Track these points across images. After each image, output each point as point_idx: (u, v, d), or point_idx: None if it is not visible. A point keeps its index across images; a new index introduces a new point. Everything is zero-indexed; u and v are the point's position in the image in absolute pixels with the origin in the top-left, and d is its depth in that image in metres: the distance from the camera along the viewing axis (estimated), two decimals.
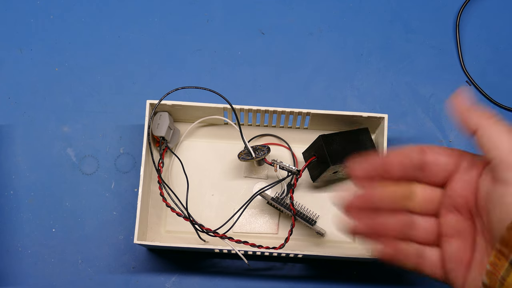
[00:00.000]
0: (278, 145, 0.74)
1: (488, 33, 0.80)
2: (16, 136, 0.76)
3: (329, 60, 0.79)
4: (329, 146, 0.67)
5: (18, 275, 0.72)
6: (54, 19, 0.80)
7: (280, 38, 0.80)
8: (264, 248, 0.67)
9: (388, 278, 0.72)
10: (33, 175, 0.74)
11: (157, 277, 0.72)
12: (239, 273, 0.72)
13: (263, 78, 0.78)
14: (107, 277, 0.72)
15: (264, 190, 0.69)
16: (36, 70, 0.78)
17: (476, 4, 0.81)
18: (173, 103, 0.69)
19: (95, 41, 0.79)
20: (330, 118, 0.70)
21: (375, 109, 0.77)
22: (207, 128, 0.75)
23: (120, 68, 0.78)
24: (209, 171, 0.74)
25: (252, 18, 0.80)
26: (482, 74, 0.79)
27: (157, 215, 0.71)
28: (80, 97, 0.77)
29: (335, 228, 0.71)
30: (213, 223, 0.70)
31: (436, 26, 0.80)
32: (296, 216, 0.68)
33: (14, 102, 0.77)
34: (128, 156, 0.75)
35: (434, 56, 0.79)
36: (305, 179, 0.73)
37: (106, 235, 0.73)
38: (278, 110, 0.69)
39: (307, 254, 0.65)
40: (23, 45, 0.79)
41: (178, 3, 0.81)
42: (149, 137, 0.68)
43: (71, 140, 0.76)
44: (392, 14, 0.80)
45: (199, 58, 0.79)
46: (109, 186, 0.74)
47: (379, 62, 0.79)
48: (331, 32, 0.80)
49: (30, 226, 0.73)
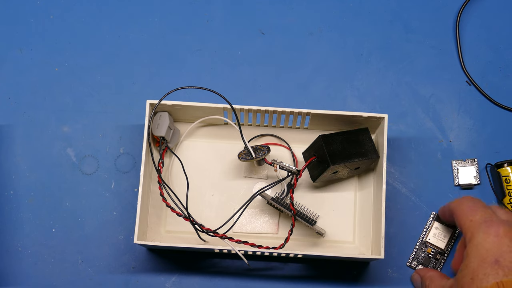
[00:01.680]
0: (278, 145, 0.74)
1: (488, 33, 0.80)
2: (16, 136, 0.76)
3: (329, 60, 0.79)
4: (329, 146, 0.67)
5: (18, 275, 0.72)
6: (54, 19, 0.80)
7: (280, 38, 0.80)
8: (264, 248, 0.67)
9: (388, 278, 0.72)
10: (33, 175, 0.74)
11: (157, 277, 0.72)
12: (239, 273, 0.72)
13: (263, 78, 0.78)
14: (107, 277, 0.72)
15: (264, 190, 0.69)
16: (36, 70, 0.78)
17: (476, 4, 0.81)
18: (173, 103, 0.69)
19: (95, 41, 0.79)
20: (330, 118, 0.70)
21: (375, 109, 0.77)
22: (207, 128, 0.75)
23: (120, 68, 0.78)
24: (209, 171, 0.74)
25: (252, 18, 0.80)
26: (482, 74, 0.79)
27: (157, 215, 0.71)
28: (80, 97, 0.77)
29: (335, 228, 0.71)
30: (213, 223, 0.70)
31: (436, 26, 0.80)
32: (296, 216, 0.68)
33: (14, 102, 0.77)
34: (128, 156, 0.75)
35: (434, 56, 0.79)
36: (305, 179, 0.73)
37: (106, 235, 0.73)
38: (278, 110, 0.69)
39: (307, 254, 0.65)
40: (23, 45, 0.79)
41: (178, 3, 0.80)
42: (149, 137, 0.68)
43: (71, 140, 0.76)
44: (392, 14, 0.80)
45: (199, 58, 0.79)
46: (109, 186, 0.74)
47: (379, 62, 0.79)
48: (331, 32, 0.80)
49: (30, 226, 0.73)
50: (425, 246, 0.71)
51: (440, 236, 0.71)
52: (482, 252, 0.53)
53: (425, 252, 0.71)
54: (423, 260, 0.71)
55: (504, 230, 0.54)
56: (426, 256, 0.71)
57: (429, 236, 0.71)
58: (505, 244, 0.53)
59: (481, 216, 0.56)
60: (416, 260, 0.71)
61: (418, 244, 0.71)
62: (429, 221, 0.71)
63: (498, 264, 0.52)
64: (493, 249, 0.53)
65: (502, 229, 0.54)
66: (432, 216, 0.71)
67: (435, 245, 0.71)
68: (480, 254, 0.53)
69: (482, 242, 0.54)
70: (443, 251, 0.71)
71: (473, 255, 0.54)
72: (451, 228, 0.71)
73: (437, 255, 0.71)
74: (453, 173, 0.75)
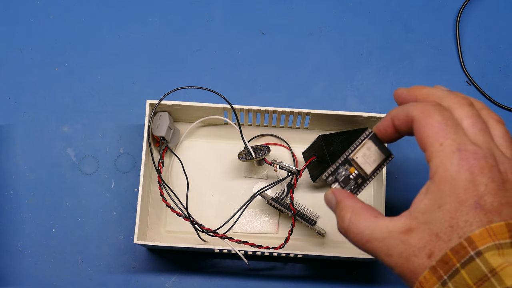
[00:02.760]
0: (278, 145, 0.74)
1: (488, 33, 0.80)
2: (16, 136, 0.76)
3: (329, 60, 0.79)
4: (329, 146, 0.67)
5: (18, 275, 0.72)
6: (54, 19, 0.80)
7: (280, 38, 0.80)
8: (264, 248, 0.67)
9: (387, 278, 0.72)
10: (33, 175, 0.74)
11: (157, 277, 0.72)
12: (239, 273, 0.72)
13: (263, 78, 0.78)
14: (107, 277, 0.72)
15: (264, 190, 0.69)
16: (36, 70, 0.78)
17: (476, 4, 0.81)
18: (173, 103, 0.69)
19: (95, 41, 0.79)
20: (330, 118, 0.70)
21: (375, 109, 0.77)
22: (207, 128, 0.75)
23: (120, 68, 0.78)
24: (209, 171, 0.74)
25: (252, 18, 0.80)
26: (482, 74, 0.79)
27: (157, 215, 0.71)
28: (80, 97, 0.77)
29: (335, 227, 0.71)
30: (213, 223, 0.70)
31: (436, 26, 0.80)
32: (296, 216, 0.68)
33: (14, 102, 0.77)
34: (128, 156, 0.75)
35: (434, 56, 0.79)
36: (305, 179, 0.73)
37: (106, 235, 0.73)
38: (278, 110, 0.69)
39: (307, 254, 0.65)
40: (23, 45, 0.79)
41: (178, 3, 0.81)
42: (149, 137, 0.68)
43: (71, 140, 0.76)
44: (392, 14, 0.80)
45: (199, 58, 0.79)
46: (109, 186, 0.74)
47: (379, 62, 0.79)
48: (331, 32, 0.80)
49: (30, 226, 0.73)
50: (349, 164, 0.53)
51: (369, 159, 0.54)
52: (458, 191, 0.42)
53: (346, 170, 0.53)
54: (341, 178, 0.53)
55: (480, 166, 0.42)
56: (346, 176, 0.53)
57: (357, 154, 0.53)
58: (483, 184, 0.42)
59: (453, 140, 0.44)
60: (334, 176, 0.52)
61: (342, 160, 0.53)
62: (362, 138, 0.53)
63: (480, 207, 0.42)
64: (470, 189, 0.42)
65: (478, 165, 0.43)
66: (367, 134, 0.52)
67: (361, 167, 0.53)
68: (456, 194, 0.42)
69: (456, 179, 0.42)
70: (366, 177, 0.53)
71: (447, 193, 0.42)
72: (383, 154, 0.53)
73: (359, 178, 0.53)
74: None
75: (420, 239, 0.42)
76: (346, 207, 0.47)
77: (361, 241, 0.45)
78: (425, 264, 0.41)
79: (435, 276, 0.41)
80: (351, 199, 0.48)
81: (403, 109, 0.46)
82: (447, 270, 0.40)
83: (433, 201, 0.43)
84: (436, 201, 0.43)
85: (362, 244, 0.45)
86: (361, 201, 0.48)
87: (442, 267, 0.40)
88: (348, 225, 0.46)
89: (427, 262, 0.41)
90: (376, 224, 0.44)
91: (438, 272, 0.41)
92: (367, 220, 0.45)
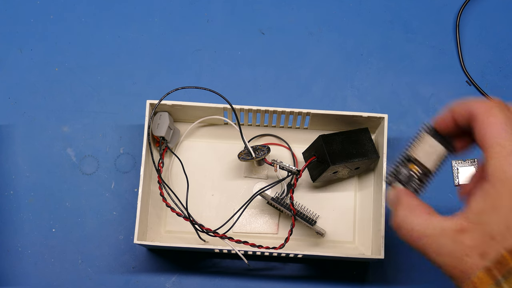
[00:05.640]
0: (278, 145, 0.74)
1: (488, 33, 0.80)
2: (16, 136, 0.76)
3: (329, 60, 0.79)
4: (329, 146, 0.67)
5: (18, 275, 0.72)
6: (54, 19, 0.80)
7: (280, 38, 0.80)
8: (264, 248, 0.67)
9: (388, 278, 0.72)
10: (33, 175, 0.74)
11: (157, 277, 0.72)
12: (239, 273, 0.72)
13: (263, 78, 0.78)
14: (107, 277, 0.72)
15: (264, 190, 0.69)
16: (36, 70, 0.78)
17: (476, 4, 0.81)
18: (173, 103, 0.69)
19: (95, 41, 0.79)
20: (330, 118, 0.70)
21: (375, 109, 0.77)
22: (207, 128, 0.75)
23: (120, 68, 0.78)
24: (209, 171, 0.74)
25: (252, 18, 0.80)
26: (482, 74, 0.79)
27: (157, 215, 0.71)
28: (80, 97, 0.77)
29: (335, 227, 0.71)
30: (213, 223, 0.70)
31: (436, 26, 0.80)
32: (296, 216, 0.68)
33: (14, 102, 0.77)
34: (128, 156, 0.75)
35: (434, 56, 0.79)
36: (305, 179, 0.73)
37: (106, 235, 0.73)
38: (278, 110, 0.69)
39: (307, 254, 0.65)
40: (23, 45, 0.79)
41: (178, 3, 0.81)
42: (149, 137, 0.68)
43: (71, 140, 0.76)
44: (392, 14, 0.80)
45: (199, 58, 0.79)
46: (109, 186, 0.74)
47: (379, 62, 0.79)
48: (331, 32, 0.80)
49: (30, 226, 0.73)
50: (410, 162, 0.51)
51: (430, 154, 0.51)
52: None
53: (407, 168, 0.51)
54: (403, 178, 0.51)
55: None
56: (408, 174, 0.51)
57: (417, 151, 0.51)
58: None
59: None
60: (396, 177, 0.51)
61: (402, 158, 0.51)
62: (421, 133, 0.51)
63: None
64: None
65: None
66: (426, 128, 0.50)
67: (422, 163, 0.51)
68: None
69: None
70: (429, 173, 0.51)
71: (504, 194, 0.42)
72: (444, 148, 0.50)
73: (421, 175, 0.51)
74: (453, 173, 0.75)
75: (474, 239, 0.41)
76: (402, 204, 0.47)
77: (412, 238, 0.44)
78: (478, 264, 0.41)
79: (489, 276, 0.40)
80: (408, 196, 0.48)
81: (465, 104, 0.45)
82: (502, 270, 0.40)
83: (488, 202, 0.42)
84: (492, 202, 0.42)
85: (413, 241, 0.44)
86: (418, 199, 0.47)
87: (497, 267, 0.40)
88: (401, 221, 0.45)
89: (480, 262, 0.41)
90: (429, 222, 0.44)
91: (492, 272, 0.40)
92: (420, 217, 0.45)
